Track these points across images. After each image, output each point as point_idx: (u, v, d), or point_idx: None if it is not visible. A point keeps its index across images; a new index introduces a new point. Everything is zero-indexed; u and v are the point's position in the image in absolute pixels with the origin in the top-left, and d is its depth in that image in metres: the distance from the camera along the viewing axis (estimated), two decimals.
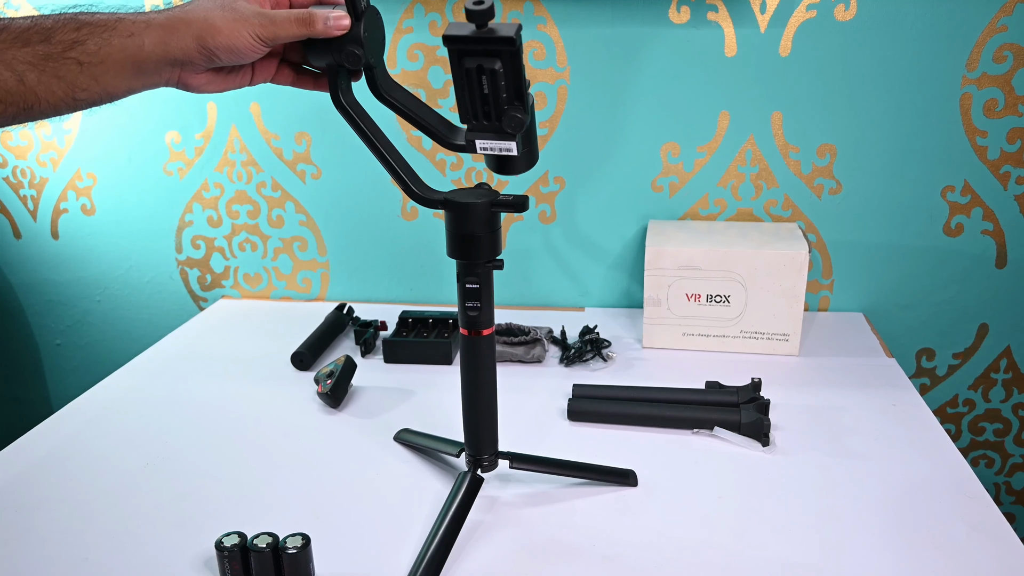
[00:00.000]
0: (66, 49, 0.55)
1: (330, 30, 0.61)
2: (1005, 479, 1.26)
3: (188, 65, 0.60)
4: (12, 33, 0.55)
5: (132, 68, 0.58)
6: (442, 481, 0.80)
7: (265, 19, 0.60)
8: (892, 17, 1.03)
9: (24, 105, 0.55)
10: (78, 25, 0.56)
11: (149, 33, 0.58)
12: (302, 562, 0.64)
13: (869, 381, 0.97)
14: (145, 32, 0.58)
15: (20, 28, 0.55)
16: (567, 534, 0.71)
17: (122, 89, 0.59)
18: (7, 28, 0.55)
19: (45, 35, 0.55)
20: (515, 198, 0.65)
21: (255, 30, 0.59)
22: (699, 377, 0.97)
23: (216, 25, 0.59)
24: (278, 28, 0.60)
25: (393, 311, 1.21)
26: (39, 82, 0.55)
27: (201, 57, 0.60)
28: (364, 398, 0.97)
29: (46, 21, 0.56)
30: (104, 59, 0.57)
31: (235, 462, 0.84)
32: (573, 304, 1.24)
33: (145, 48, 0.58)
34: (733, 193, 1.15)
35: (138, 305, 1.34)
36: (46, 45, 0.55)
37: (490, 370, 0.71)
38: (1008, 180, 1.09)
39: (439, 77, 1.14)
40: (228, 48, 0.59)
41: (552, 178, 1.17)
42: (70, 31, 0.56)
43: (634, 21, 1.07)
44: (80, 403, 0.98)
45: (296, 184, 1.23)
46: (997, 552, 0.67)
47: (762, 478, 0.79)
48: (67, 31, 0.56)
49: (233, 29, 0.59)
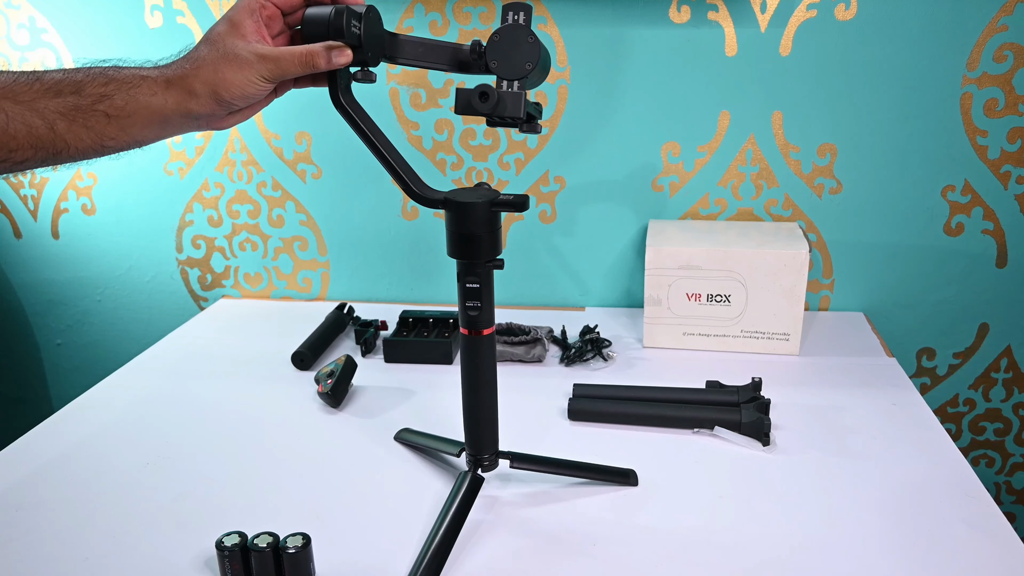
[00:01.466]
0: (95, 102, 0.59)
1: (332, 66, 0.65)
2: (1005, 479, 1.26)
3: (211, 117, 0.65)
4: (45, 84, 0.58)
5: (158, 122, 0.63)
6: (442, 481, 0.80)
7: (269, 62, 0.63)
8: (892, 17, 1.03)
9: (53, 151, 0.59)
10: (106, 80, 0.60)
11: (171, 94, 0.62)
12: (302, 562, 0.64)
13: (869, 381, 0.97)
14: (166, 92, 0.62)
15: (52, 80, 0.59)
16: (567, 534, 0.71)
17: (150, 139, 0.64)
18: (40, 80, 0.59)
19: (76, 87, 0.59)
20: (515, 197, 0.65)
21: (261, 73, 0.63)
22: (699, 377, 0.97)
23: (227, 79, 0.62)
24: (283, 68, 0.64)
25: (393, 311, 1.21)
26: (68, 130, 0.59)
27: (220, 109, 0.64)
28: (364, 398, 0.97)
29: (77, 75, 0.60)
30: (131, 114, 0.61)
31: (236, 462, 0.84)
32: (573, 304, 1.24)
33: (168, 106, 0.62)
34: (733, 193, 1.15)
35: (138, 305, 1.34)
36: (76, 97, 0.59)
37: (490, 370, 0.71)
38: (1008, 180, 1.09)
39: (439, 77, 1.14)
40: (242, 96, 0.64)
41: (552, 178, 1.17)
42: (99, 85, 0.60)
43: (634, 21, 1.07)
44: (80, 403, 0.98)
45: (296, 184, 1.23)
46: (997, 552, 0.67)
47: (762, 478, 0.79)
48: (96, 85, 0.60)
49: (242, 78, 0.63)
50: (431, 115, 1.16)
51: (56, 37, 1.19)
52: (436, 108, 1.15)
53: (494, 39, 0.62)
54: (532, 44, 0.62)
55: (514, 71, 0.62)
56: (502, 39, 0.62)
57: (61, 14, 1.18)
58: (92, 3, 1.16)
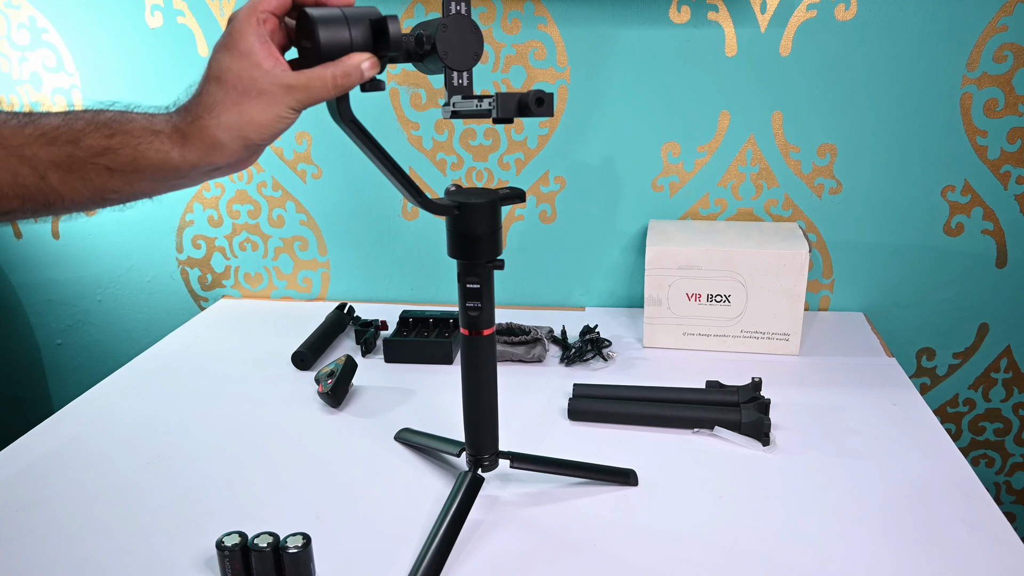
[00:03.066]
0: (95, 155, 0.53)
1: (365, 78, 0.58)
2: (1005, 478, 1.26)
3: (237, 164, 0.58)
4: (39, 129, 0.52)
5: (172, 177, 0.56)
6: (443, 481, 0.80)
7: (299, 91, 0.55)
8: (892, 17, 1.03)
9: (45, 202, 0.53)
10: (111, 132, 0.53)
11: (190, 149, 0.54)
12: (303, 562, 0.64)
13: (869, 381, 0.97)
14: (184, 148, 0.54)
15: (48, 126, 0.53)
16: (567, 534, 0.71)
17: (159, 191, 0.57)
18: (34, 123, 0.53)
19: (73, 137, 0.53)
20: (512, 190, 0.66)
21: (291, 105, 0.55)
22: (699, 377, 0.97)
23: (255, 120, 0.54)
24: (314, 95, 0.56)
25: (394, 311, 1.21)
26: (63, 182, 0.53)
27: (250, 154, 0.57)
28: (365, 398, 0.97)
29: (77, 122, 0.53)
30: (139, 169, 0.54)
31: (236, 462, 0.84)
32: (573, 304, 1.24)
33: (189, 161, 0.55)
34: (733, 193, 1.15)
35: (139, 305, 1.34)
36: (73, 147, 0.53)
37: (490, 370, 0.71)
38: (1008, 180, 1.09)
39: (439, 76, 1.13)
40: (273, 135, 0.56)
41: (552, 178, 1.17)
42: (102, 137, 0.53)
43: (634, 21, 1.07)
44: (80, 403, 0.98)
45: (296, 184, 1.23)
46: (997, 552, 0.67)
47: (762, 478, 0.79)
48: (98, 136, 0.53)
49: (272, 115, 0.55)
50: (431, 115, 1.16)
51: (56, 37, 1.19)
52: (436, 108, 1.15)
53: (442, 30, 0.61)
54: (476, 35, 0.62)
55: (463, 62, 0.62)
56: (449, 30, 0.62)
57: (61, 14, 1.18)
58: (92, 3, 1.16)
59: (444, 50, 0.61)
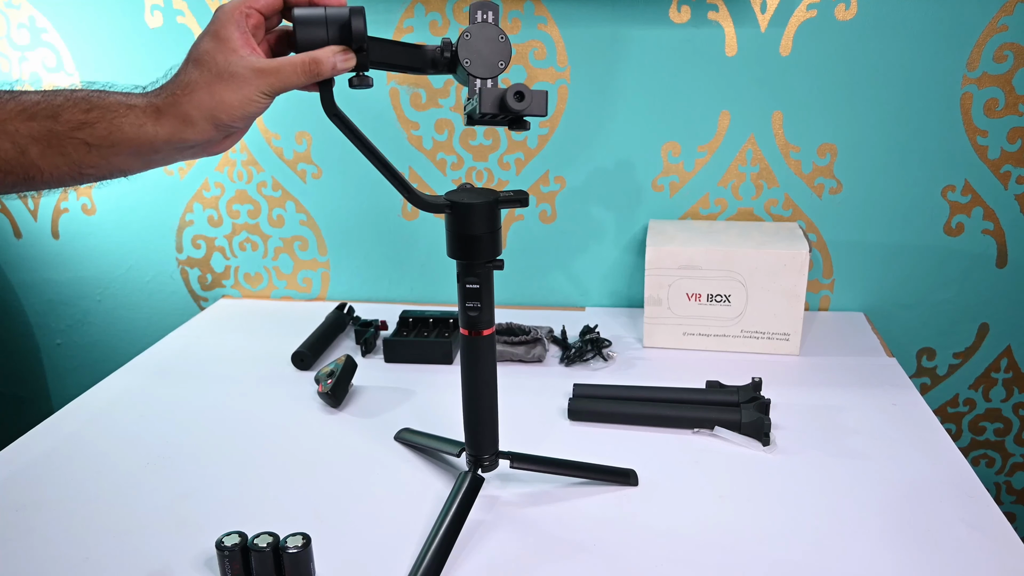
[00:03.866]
0: (73, 129, 0.55)
1: (336, 73, 0.61)
2: (1005, 479, 1.26)
3: (207, 144, 0.60)
4: (20, 105, 0.55)
5: (146, 153, 0.58)
6: (443, 481, 0.80)
7: (269, 75, 0.58)
8: (892, 17, 1.03)
9: (25, 176, 0.55)
10: (88, 107, 0.56)
11: (162, 124, 0.57)
12: (303, 562, 0.64)
13: (869, 381, 0.97)
14: (157, 123, 0.57)
15: (28, 102, 0.55)
16: (567, 534, 0.71)
17: (136, 169, 0.59)
18: (15, 99, 0.55)
19: (52, 112, 0.55)
20: (515, 193, 0.66)
21: (261, 89, 0.58)
22: (699, 377, 0.97)
23: (225, 100, 0.57)
24: (284, 80, 0.59)
25: (393, 311, 1.21)
26: (42, 156, 0.55)
27: (219, 133, 0.59)
28: (364, 398, 0.97)
29: (56, 98, 0.55)
30: (115, 143, 0.56)
31: (236, 462, 0.84)
32: (573, 304, 1.24)
33: (160, 136, 0.57)
34: (733, 192, 1.15)
35: (138, 305, 1.34)
36: (52, 122, 0.55)
37: (490, 370, 0.71)
38: (1008, 180, 1.09)
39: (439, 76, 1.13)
40: (243, 116, 0.59)
41: (552, 178, 1.17)
42: (79, 112, 0.55)
43: (634, 21, 1.07)
44: (80, 403, 0.98)
45: (296, 183, 1.23)
46: (997, 552, 0.67)
47: (762, 478, 0.79)
48: (76, 111, 0.55)
49: (242, 97, 0.58)
50: (431, 115, 1.16)
51: (56, 37, 1.19)
52: (436, 108, 1.15)
53: (464, 37, 0.62)
54: (503, 43, 0.62)
55: (488, 69, 0.62)
56: (473, 37, 0.62)
57: (61, 14, 1.18)
58: (92, 3, 1.16)
59: (466, 57, 0.61)
